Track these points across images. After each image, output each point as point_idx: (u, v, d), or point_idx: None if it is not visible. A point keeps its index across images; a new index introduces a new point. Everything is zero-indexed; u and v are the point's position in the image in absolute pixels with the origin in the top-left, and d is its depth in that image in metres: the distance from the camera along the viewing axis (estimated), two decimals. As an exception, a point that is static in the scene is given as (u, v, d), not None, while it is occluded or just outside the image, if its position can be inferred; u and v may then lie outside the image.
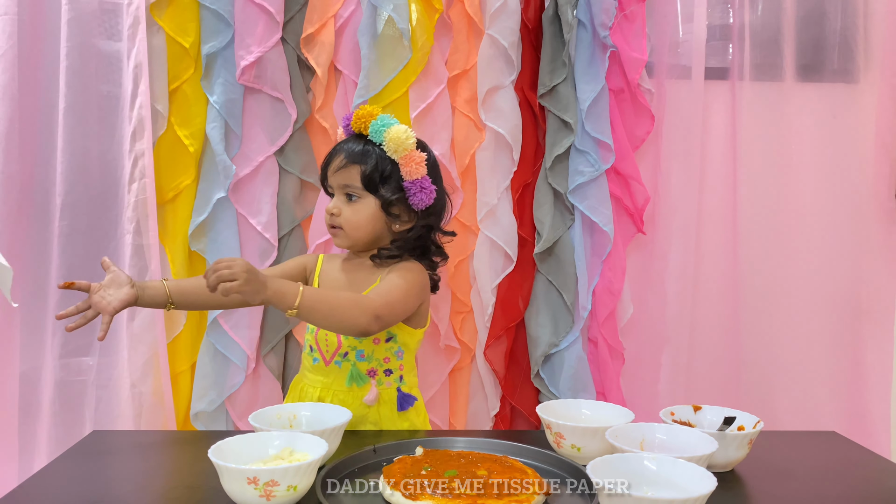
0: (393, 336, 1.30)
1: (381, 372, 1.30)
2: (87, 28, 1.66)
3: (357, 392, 1.28)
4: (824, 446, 1.21)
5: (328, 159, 1.32)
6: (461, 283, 1.76)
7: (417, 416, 1.34)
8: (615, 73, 1.76)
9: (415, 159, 1.28)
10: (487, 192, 1.74)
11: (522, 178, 1.76)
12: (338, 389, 1.29)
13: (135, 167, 1.65)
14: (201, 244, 1.69)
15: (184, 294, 1.27)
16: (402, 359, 1.32)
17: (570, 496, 0.94)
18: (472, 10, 1.70)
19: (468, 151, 1.74)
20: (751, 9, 1.83)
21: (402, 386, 1.32)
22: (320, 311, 1.15)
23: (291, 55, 1.70)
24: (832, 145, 1.86)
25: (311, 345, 1.32)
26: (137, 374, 1.67)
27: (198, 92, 1.68)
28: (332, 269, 1.37)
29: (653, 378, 1.83)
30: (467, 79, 1.74)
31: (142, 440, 1.25)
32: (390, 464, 0.98)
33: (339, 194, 1.31)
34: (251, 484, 0.85)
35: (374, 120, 1.29)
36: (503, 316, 1.75)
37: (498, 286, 1.76)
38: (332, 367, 1.29)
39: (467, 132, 1.74)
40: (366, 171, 1.27)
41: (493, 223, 1.74)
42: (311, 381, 1.32)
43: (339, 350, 1.29)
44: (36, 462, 1.66)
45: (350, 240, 1.31)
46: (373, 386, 1.29)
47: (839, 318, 1.88)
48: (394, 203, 1.29)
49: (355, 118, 1.31)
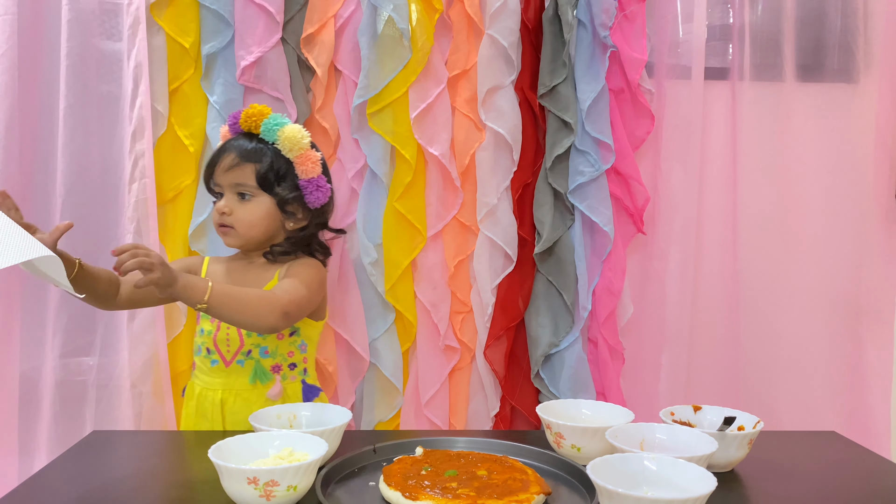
0: (296, 330, 1.33)
1: (285, 367, 1.33)
2: (87, 28, 1.66)
3: (261, 389, 1.30)
4: (824, 446, 1.21)
5: (215, 158, 1.32)
6: (461, 283, 1.76)
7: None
8: (615, 73, 1.76)
9: (311, 158, 1.31)
10: (487, 192, 1.74)
11: (522, 178, 1.76)
12: (241, 389, 1.30)
13: (135, 167, 1.65)
14: (201, 244, 1.69)
15: (91, 272, 1.20)
16: (306, 352, 1.36)
17: (570, 496, 0.94)
18: (472, 10, 1.70)
19: (468, 151, 1.74)
20: (751, 9, 1.83)
21: (307, 378, 1.36)
22: (229, 307, 1.14)
23: (291, 55, 1.70)
24: (832, 145, 1.86)
25: (209, 347, 1.32)
26: (137, 374, 1.67)
27: (198, 92, 1.68)
28: (219, 271, 1.37)
29: (653, 378, 1.83)
30: (467, 79, 1.74)
31: (142, 440, 1.25)
32: (390, 464, 0.98)
33: (230, 193, 1.31)
34: (251, 484, 0.85)
35: (265, 119, 1.30)
36: (503, 316, 1.75)
37: (498, 286, 1.76)
38: (233, 367, 1.31)
39: (467, 132, 1.74)
40: (261, 170, 1.29)
41: (493, 223, 1.74)
42: (208, 384, 1.33)
43: (241, 349, 1.30)
44: (36, 462, 1.65)
45: (242, 239, 1.32)
46: (277, 381, 1.31)
47: (839, 318, 1.88)
48: (289, 202, 1.31)
49: (245, 116, 1.32)
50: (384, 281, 1.73)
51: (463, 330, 1.77)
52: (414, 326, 1.74)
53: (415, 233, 1.73)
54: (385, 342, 1.74)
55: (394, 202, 1.72)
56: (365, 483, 0.97)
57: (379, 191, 1.74)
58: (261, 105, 1.34)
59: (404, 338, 1.75)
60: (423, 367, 1.75)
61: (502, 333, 1.75)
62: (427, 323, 1.75)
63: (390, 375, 1.73)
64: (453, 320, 1.76)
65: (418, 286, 1.75)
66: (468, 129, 1.74)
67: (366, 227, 1.73)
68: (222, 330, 1.31)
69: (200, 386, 1.33)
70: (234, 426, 1.31)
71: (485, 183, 1.74)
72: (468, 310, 1.77)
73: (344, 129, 1.72)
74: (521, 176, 1.76)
